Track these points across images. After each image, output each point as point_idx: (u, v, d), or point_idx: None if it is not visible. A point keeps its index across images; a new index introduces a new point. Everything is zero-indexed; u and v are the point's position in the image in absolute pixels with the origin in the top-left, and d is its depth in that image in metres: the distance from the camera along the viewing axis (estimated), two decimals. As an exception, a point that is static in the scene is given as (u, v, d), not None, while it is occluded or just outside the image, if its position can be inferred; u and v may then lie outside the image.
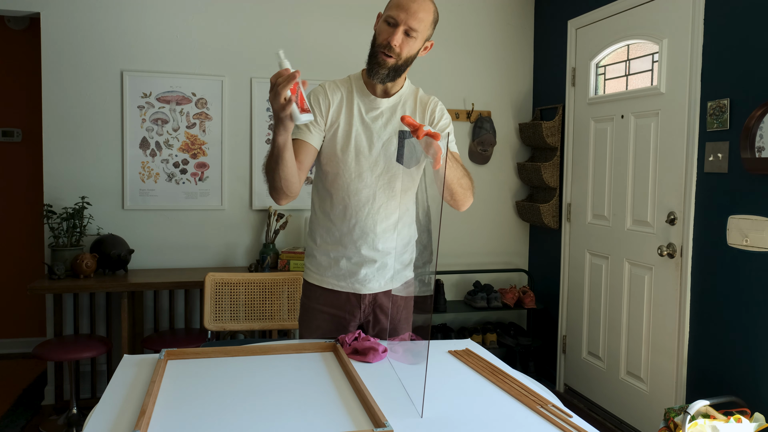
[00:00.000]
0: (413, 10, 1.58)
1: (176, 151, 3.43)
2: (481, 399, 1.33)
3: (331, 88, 1.75)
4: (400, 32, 1.60)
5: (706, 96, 2.60)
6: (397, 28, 1.60)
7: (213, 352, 1.58)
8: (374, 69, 1.66)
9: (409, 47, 1.63)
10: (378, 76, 1.66)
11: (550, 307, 3.79)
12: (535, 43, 3.96)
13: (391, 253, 1.80)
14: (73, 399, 3.06)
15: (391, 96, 1.74)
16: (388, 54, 1.62)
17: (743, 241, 2.39)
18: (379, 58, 1.64)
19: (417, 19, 1.59)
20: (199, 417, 1.19)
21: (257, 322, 2.55)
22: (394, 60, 1.63)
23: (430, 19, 1.63)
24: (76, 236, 3.17)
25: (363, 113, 1.73)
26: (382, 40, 1.63)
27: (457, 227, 3.90)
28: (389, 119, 1.74)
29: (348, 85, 1.76)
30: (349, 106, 1.73)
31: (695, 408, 2.22)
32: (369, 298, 1.82)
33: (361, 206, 1.73)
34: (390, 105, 1.74)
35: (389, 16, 1.61)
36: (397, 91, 1.75)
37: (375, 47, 1.66)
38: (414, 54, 1.66)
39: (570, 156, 3.57)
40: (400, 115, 1.73)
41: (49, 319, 3.27)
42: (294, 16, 3.57)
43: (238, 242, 3.56)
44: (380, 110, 1.73)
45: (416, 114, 1.76)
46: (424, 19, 1.60)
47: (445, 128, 1.76)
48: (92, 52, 3.30)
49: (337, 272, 1.79)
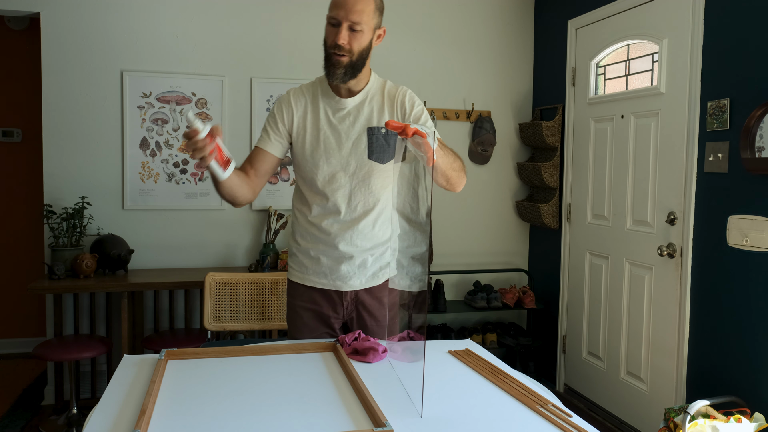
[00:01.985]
0: (350, 5, 1.60)
1: (176, 151, 3.43)
2: (481, 399, 1.33)
3: (296, 95, 1.77)
4: (344, 30, 1.62)
5: (706, 96, 2.60)
6: (340, 27, 1.62)
7: (213, 352, 1.58)
8: (330, 71, 1.68)
9: (358, 42, 1.65)
10: (335, 77, 1.67)
11: (550, 307, 3.79)
12: (535, 43, 3.96)
13: (371, 250, 1.81)
14: (73, 399, 3.06)
15: (356, 94, 1.75)
16: (339, 54, 1.64)
17: (743, 241, 2.39)
18: (333, 60, 1.66)
19: (356, 12, 1.61)
20: (199, 417, 1.19)
21: (257, 322, 2.55)
22: (347, 57, 1.65)
23: (371, 8, 1.64)
24: (76, 236, 3.17)
25: (329, 115, 1.75)
26: (330, 42, 1.66)
27: (458, 227, 3.90)
28: (357, 117, 1.75)
29: (313, 89, 1.78)
30: (314, 110, 1.76)
31: (695, 408, 2.22)
32: (351, 295, 1.84)
33: (338, 205, 1.76)
34: (356, 103, 1.75)
35: (331, 17, 1.64)
36: (362, 88, 1.75)
37: (326, 50, 1.69)
38: (366, 46, 1.67)
39: (570, 156, 3.57)
40: (367, 111, 1.75)
41: (49, 319, 3.27)
42: (293, 16, 3.57)
43: (238, 242, 3.56)
44: (347, 110, 1.75)
45: (385, 107, 1.76)
46: (364, 10, 1.62)
47: (419, 116, 1.75)
48: (92, 52, 3.30)
49: (318, 270, 1.81)
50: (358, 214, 1.77)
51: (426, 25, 3.79)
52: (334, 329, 1.87)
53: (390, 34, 3.74)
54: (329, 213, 1.77)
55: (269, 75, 3.54)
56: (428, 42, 3.80)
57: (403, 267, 1.92)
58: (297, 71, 3.58)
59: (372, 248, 1.81)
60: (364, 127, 1.74)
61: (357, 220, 1.77)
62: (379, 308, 1.88)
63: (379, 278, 1.85)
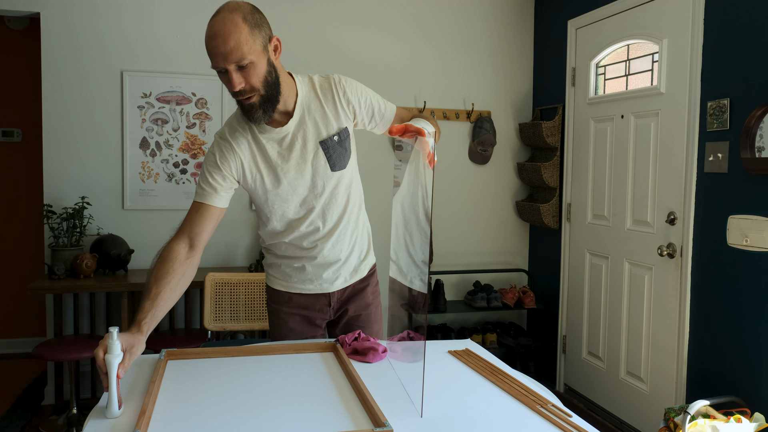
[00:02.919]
0: (223, 48, 1.39)
1: (176, 151, 3.43)
2: (481, 399, 1.33)
3: (235, 138, 1.59)
4: (233, 74, 1.43)
5: (706, 96, 2.60)
6: (228, 73, 1.43)
7: (213, 352, 1.57)
8: (250, 117, 1.52)
9: (255, 75, 1.45)
10: (258, 120, 1.52)
11: (550, 307, 3.79)
12: (535, 43, 3.96)
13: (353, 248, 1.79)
14: (73, 399, 3.06)
15: (292, 114, 1.60)
16: (246, 97, 1.48)
17: (743, 241, 2.39)
18: (245, 106, 1.50)
19: (232, 50, 1.39)
20: (199, 417, 1.19)
21: (257, 322, 2.55)
22: (256, 96, 1.48)
23: (243, 35, 1.40)
24: (76, 236, 3.17)
25: (276, 148, 1.61)
26: (230, 91, 1.48)
27: (458, 227, 3.90)
28: (305, 137, 1.62)
29: (247, 126, 1.61)
30: (260, 149, 1.61)
31: (695, 408, 2.22)
32: (337, 295, 1.82)
33: (315, 225, 1.71)
34: (296, 122, 1.61)
35: (214, 67, 1.45)
36: (294, 103, 1.60)
37: (235, 99, 1.52)
38: (266, 73, 1.47)
39: (570, 156, 3.57)
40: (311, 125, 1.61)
41: (49, 319, 3.27)
42: (293, 15, 3.57)
43: (238, 242, 3.56)
44: (289, 134, 1.61)
45: (326, 110, 1.63)
46: (238, 43, 1.39)
47: (370, 103, 1.66)
48: (92, 52, 3.30)
49: (303, 277, 1.78)
50: (335, 222, 1.73)
51: (426, 26, 3.79)
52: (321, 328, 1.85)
53: (390, 34, 3.74)
54: (308, 234, 1.72)
55: (269, 75, 3.54)
56: (428, 42, 3.80)
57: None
58: (297, 71, 3.57)
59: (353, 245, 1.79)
60: (316, 142, 1.62)
61: (335, 227, 1.73)
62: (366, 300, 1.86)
63: (361, 271, 1.84)
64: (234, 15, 1.41)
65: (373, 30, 3.70)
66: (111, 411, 1.20)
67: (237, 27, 1.40)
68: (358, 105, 1.66)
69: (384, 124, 1.72)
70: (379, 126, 1.74)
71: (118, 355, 1.22)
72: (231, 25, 1.40)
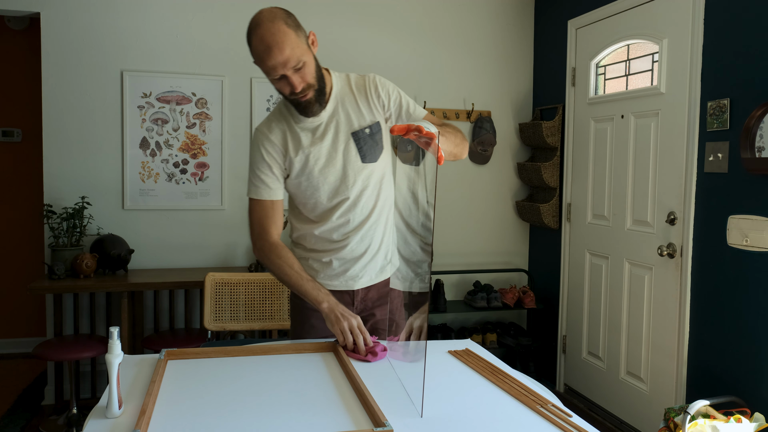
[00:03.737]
0: (282, 58, 1.49)
1: (176, 151, 3.43)
2: (481, 399, 1.33)
3: (272, 130, 1.70)
4: (293, 78, 1.53)
5: (706, 96, 2.60)
6: (287, 78, 1.53)
7: (213, 352, 1.58)
8: (305, 112, 1.63)
9: (308, 72, 1.56)
10: (314, 113, 1.64)
11: (550, 307, 3.79)
12: (535, 43, 3.96)
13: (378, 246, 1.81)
14: (73, 399, 3.06)
15: (325, 105, 1.68)
16: (303, 95, 1.58)
17: (743, 241, 2.39)
18: (302, 103, 1.60)
19: (290, 58, 1.50)
20: (199, 417, 1.19)
21: (257, 322, 2.55)
22: (311, 92, 1.59)
23: (292, 39, 1.50)
24: (76, 236, 3.17)
25: (309, 136, 1.69)
26: (288, 93, 1.58)
27: (458, 227, 3.90)
28: (337, 127, 1.70)
29: (284, 118, 1.71)
30: (294, 139, 1.69)
31: (695, 408, 2.22)
32: (361, 294, 1.84)
33: (347, 216, 1.75)
34: (330, 113, 1.69)
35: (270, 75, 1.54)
36: (329, 96, 1.69)
37: (289, 99, 1.62)
38: (315, 69, 1.59)
39: (570, 156, 3.57)
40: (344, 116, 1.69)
41: (49, 319, 3.27)
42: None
43: (238, 242, 3.56)
44: (323, 124, 1.69)
45: (359, 104, 1.71)
46: (294, 48, 1.50)
47: (399, 102, 1.73)
48: (92, 52, 3.30)
49: (329, 273, 1.80)
50: (366, 215, 1.76)
51: (426, 26, 3.79)
52: None
53: (390, 34, 3.74)
54: (339, 226, 1.76)
55: (269, 75, 3.54)
56: (428, 42, 3.80)
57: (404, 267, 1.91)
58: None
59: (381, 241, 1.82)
60: (347, 133, 1.70)
61: (366, 220, 1.77)
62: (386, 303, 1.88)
63: (385, 272, 1.86)
64: (277, 24, 1.50)
65: (373, 30, 3.70)
66: (111, 411, 1.20)
67: (286, 34, 1.49)
68: (387, 100, 1.72)
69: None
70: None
71: (119, 355, 1.22)
72: (280, 34, 1.49)
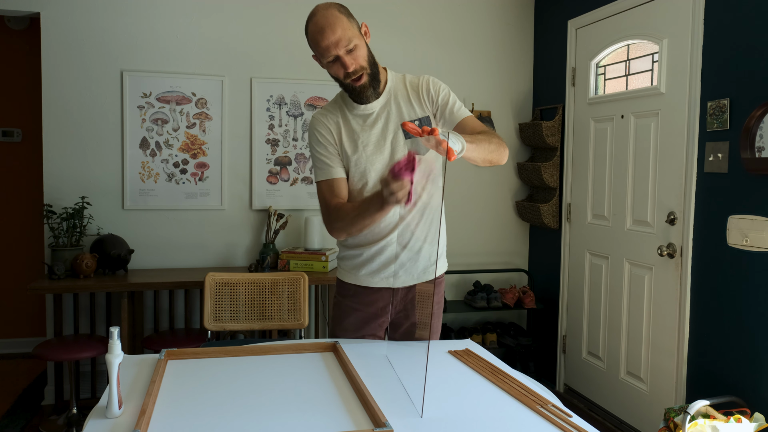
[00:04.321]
0: (333, 37, 1.59)
1: (176, 151, 3.43)
2: (481, 399, 1.33)
3: (326, 117, 1.78)
4: (345, 58, 1.62)
5: (706, 96, 2.60)
6: (340, 59, 1.62)
7: (213, 352, 1.58)
8: (359, 97, 1.71)
9: (361, 55, 1.64)
10: (369, 98, 1.71)
11: (550, 307, 3.79)
12: (535, 43, 3.96)
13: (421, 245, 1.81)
14: (73, 399, 3.06)
15: (379, 96, 1.76)
16: (357, 78, 1.65)
17: (743, 241, 2.39)
18: (356, 87, 1.68)
19: (341, 37, 1.59)
20: (199, 417, 1.19)
21: (257, 322, 2.55)
22: (365, 76, 1.66)
23: (345, 23, 1.62)
24: (76, 236, 3.17)
25: (360, 123, 1.76)
26: (341, 75, 1.66)
27: (457, 227, 3.90)
28: (387, 117, 1.76)
29: (338, 107, 1.80)
30: (347, 126, 1.77)
31: (695, 408, 2.22)
32: (402, 293, 1.85)
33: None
34: (382, 104, 1.76)
35: (325, 57, 1.64)
36: (383, 87, 1.76)
37: (342, 83, 1.70)
38: (368, 53, 1.67)
39: (570, 156, 3.57)
40: (395, 108, 1.76)
41: (49, 319, 3.27)
42: (293, 15, 3.57)
43: (238, 242, 3.56)
44: (375, 113, 1.76)
45: (411, 99, 1.77)
46: (344, 29, 1.60)
47: (446, 100, 1.77)
48: (92, 52, 3.30)
49: (370, 269, 1.82)
50: (409, 207, 1.79)
51: (426, 26, 3.79)
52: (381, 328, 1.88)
53: (390, 34, 3.74)
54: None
55: (269, 75, 3.54)
56: (428, 42, 3.80)
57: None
58: (297, 71, 3.58)
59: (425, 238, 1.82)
60: (397, 124, 1.76)
61: (408, 215, 1.79)
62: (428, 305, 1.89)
63: (429, 274, 1.86)
64: (331, 10, 1.62)
65: (372, 30, 3.70)
66: (111, 411, 1.20)
67: (337, 18, 1.60)
68: (436, 96, 1.78)
69: (451, 122, 1.77)
70: (447, 123, 1.79)
71: (119, 355, 1.22)
72: (333, 18, 1.60)
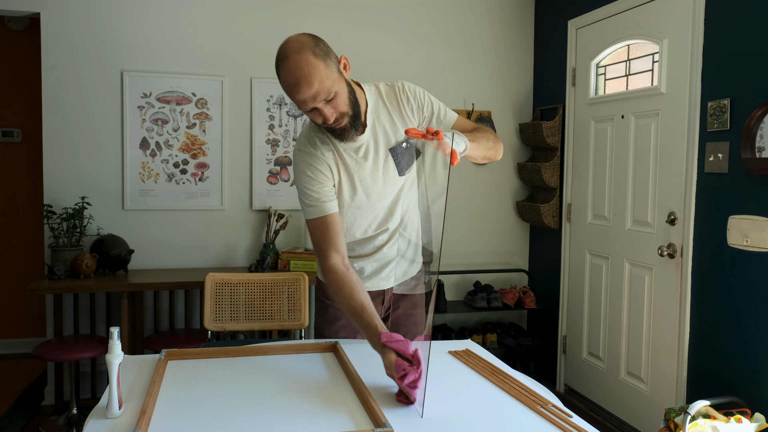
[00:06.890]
0: (311, 92, 1.42)
1: (176, 151, 3.43)
2: (481, 399, 1.33)
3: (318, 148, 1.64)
4: (325, 109, 1.47)
5: (706, 96, 2.60)
6: (318, 110, 1.48)
7: (213, 352, 1.58)
8: (342, 139, 1.58)
9: (341, 101, 1.49)
10: (351, 138, 1.58)
11: (550, 307, 3.79)
12: (535, 43, 3.96)
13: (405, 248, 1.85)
14: (73, 399, 3.06)
15: (363, 129, 1.64)
16: (336, 124, 1.52)
17: (743, 241, 2.39)
18: (337, 131, 1.55)
19: (320, 91, 1.43)
20: (199, 417, 1.19)
21: (257, 323, 2.55)
22: (346, 119, 1.53)
23: (322, 70, 1.42)
24: (76, 236, 3.17)
25: (354, 156, 1.66)
26: (322, 123, 1.53)
27: (457, 227, 3.90)
28: (376, 146, 1.68)
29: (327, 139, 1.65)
30: (341, 158, 1.65)
31: (695, 408, 2.22)
32: (390, 292, 1.88)
33: (383, 228, 1.78)
34: (369, 132, 1.66)
35: (301, 108, 1.48)
36: (365, 116, 1.64)
37: (325, 128, 1.58)
38: (348, 95, 1.52)
39: (570, 156, 3.57)
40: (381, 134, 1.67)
41: (49, 319, 3.27)
42: (294, 15, 3.57)
43: (238, 242, 3.55)
44: (364, 144, 1.66)
45: (393, 117, 1.68)
46: (323, 80, 1.42)
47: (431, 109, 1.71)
48: (92, 52, 3.30)
49: (362, 276, 1.82)
50: (398, 223, 1.80)
51: (426, 26, 3.79)
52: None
53: (390, 34, 3.74)
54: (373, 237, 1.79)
55: (269, 75, 3.54)
56: (428, 42, 3.80)
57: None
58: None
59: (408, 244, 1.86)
60: (386, 149, 1.69)
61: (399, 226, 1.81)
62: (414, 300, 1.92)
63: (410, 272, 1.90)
64: (304, 55, 1.41)
65: (372, 31, 3.70)
66: (111, 411, 1.20)
67: (314, 66, 1.41)
68: (420, 109, 1.70)
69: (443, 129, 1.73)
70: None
71: (119, 355, 1.22)
72: (308, 67, 1.40)
